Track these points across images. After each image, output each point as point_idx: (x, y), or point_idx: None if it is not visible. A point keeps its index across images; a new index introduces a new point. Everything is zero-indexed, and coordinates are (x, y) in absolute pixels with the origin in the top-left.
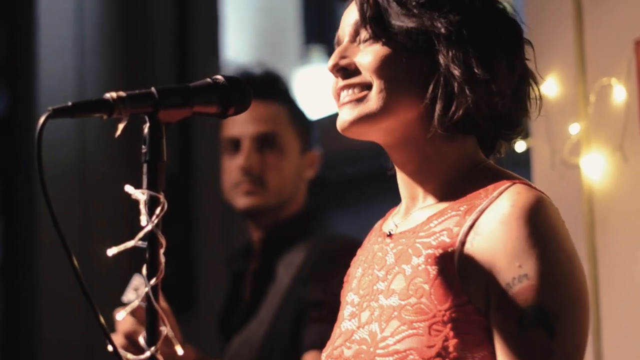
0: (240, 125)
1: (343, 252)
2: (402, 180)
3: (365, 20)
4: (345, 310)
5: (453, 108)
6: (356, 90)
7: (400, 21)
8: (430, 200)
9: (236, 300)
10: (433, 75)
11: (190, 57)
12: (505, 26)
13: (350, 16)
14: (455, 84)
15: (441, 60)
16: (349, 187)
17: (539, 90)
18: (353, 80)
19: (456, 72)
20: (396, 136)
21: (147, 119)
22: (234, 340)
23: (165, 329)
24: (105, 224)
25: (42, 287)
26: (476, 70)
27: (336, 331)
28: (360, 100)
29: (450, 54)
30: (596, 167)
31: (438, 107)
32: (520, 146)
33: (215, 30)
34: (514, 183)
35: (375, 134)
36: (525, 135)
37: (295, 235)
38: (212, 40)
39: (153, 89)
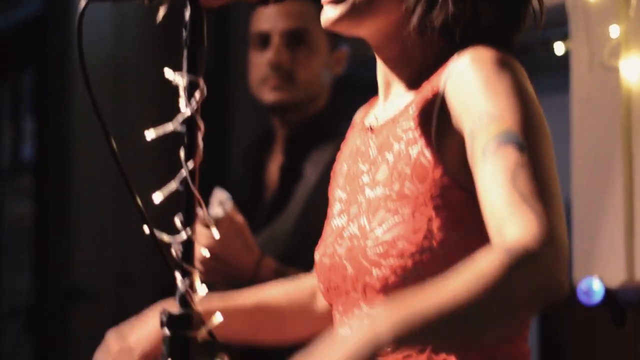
0: (270, 20)
1: None
2: (379, 66)
3: None
4: (335, 208)
5: (433, 16)
6: None
7: None
8: (407, 85)
9: (258, 193)
10: None
11: None
12: None
13: None
14: None
15: None
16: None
17: (541, 5)
18: None
19: None
20: (378, 32)
21: (188, 3)
22: (258, 235)
23: (202, 212)
24: (141, 114)
25: (74, 185)
26: None
27: (327, 229)
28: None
29: None
30: (635, 70)
31: (418, 12)
32: (559, 48)
33: None
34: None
35: (357, 32)
36: (564, 38)
37: (320, 132)
38: None
39: None
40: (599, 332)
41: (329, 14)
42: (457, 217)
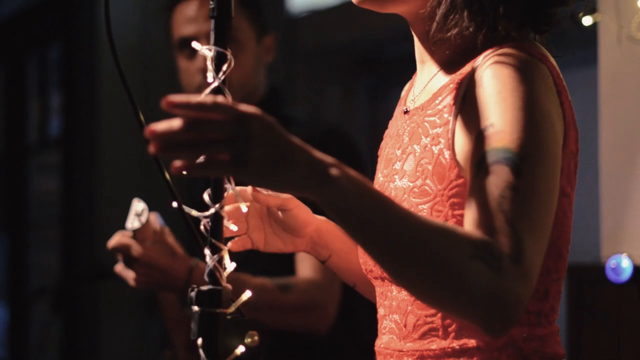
0: (194, 23)
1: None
2: (415, 42)
3: None
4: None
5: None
6: None
7: None
8: (439, 66)
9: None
10: None
11: None
12: None
13: None
14: None
15: None
16: None
17: None
18: None
19: None
20: (409, 10)
21: None
22: None
23: (230, 187)
24: (167, 91)
25: (102, 161)
26: None
27: None
28: None
29: None
30: None
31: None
32: (586, 21)
33: None
34: (506, 45)
35: (388, 10)
36: (592, 10)
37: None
38: None
39: None
40: (628, 310)
41: None
42: None
